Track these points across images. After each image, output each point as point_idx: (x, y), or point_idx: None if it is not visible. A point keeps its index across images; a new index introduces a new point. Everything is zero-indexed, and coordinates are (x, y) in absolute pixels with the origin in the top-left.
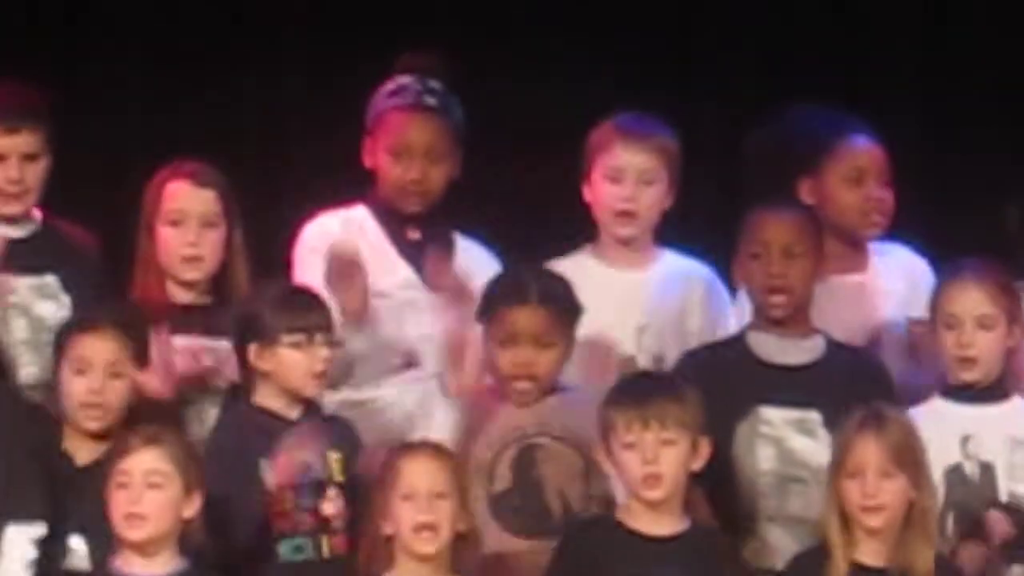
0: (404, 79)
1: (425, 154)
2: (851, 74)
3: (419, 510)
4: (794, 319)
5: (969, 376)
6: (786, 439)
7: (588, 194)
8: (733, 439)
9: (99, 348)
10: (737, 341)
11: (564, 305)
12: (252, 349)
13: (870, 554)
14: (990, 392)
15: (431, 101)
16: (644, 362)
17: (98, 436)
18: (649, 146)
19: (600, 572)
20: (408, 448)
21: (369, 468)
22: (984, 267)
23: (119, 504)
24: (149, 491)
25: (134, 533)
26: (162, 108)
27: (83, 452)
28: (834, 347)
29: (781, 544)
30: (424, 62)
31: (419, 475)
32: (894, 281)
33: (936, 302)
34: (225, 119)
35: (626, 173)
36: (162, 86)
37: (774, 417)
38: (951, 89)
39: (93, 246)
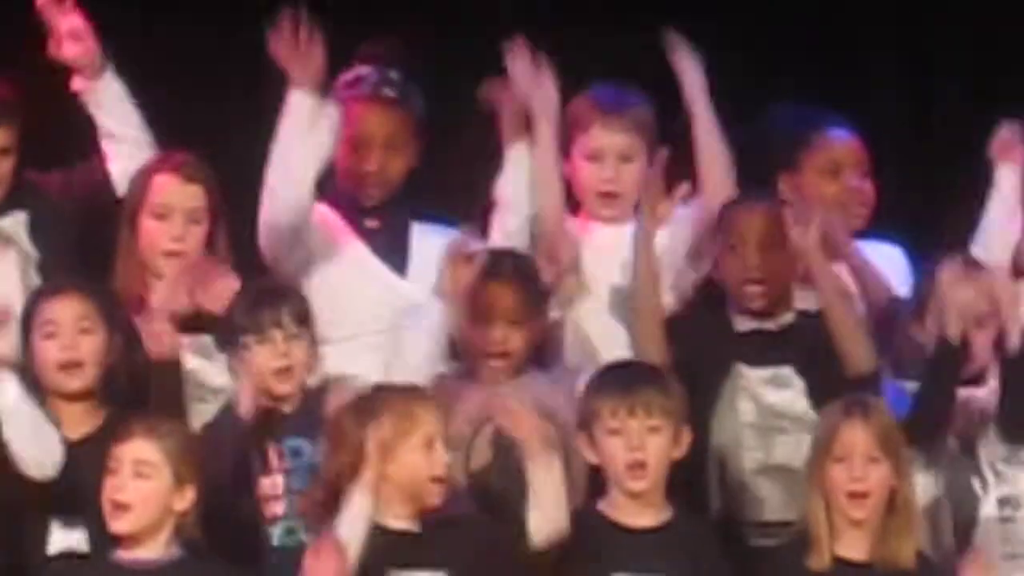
0: (363, 69)
1: (384, 145)
2: (833, 69)
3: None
4: (774, 310)
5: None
6: (763, 395)
7: (568, 169)
8: (715, 396)
9: (65, 307)
10: (719, 311)
11: (536, 284)
12: (228, 357)
13: (853, 547)
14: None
15: (389, 92)
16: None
17: (77, 398)
18: (627, 123)
19: (583, 565)
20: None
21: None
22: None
23: (106, 490)
24: (135, 480)
25: (118, 524)
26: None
27: (71, 426)
28: (804, 315)
29: (770, 497)
30: (385, 50)
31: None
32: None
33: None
34: (207, 111)
35: (605, 153)
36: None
37: (750, 375)
38: (932, 83)
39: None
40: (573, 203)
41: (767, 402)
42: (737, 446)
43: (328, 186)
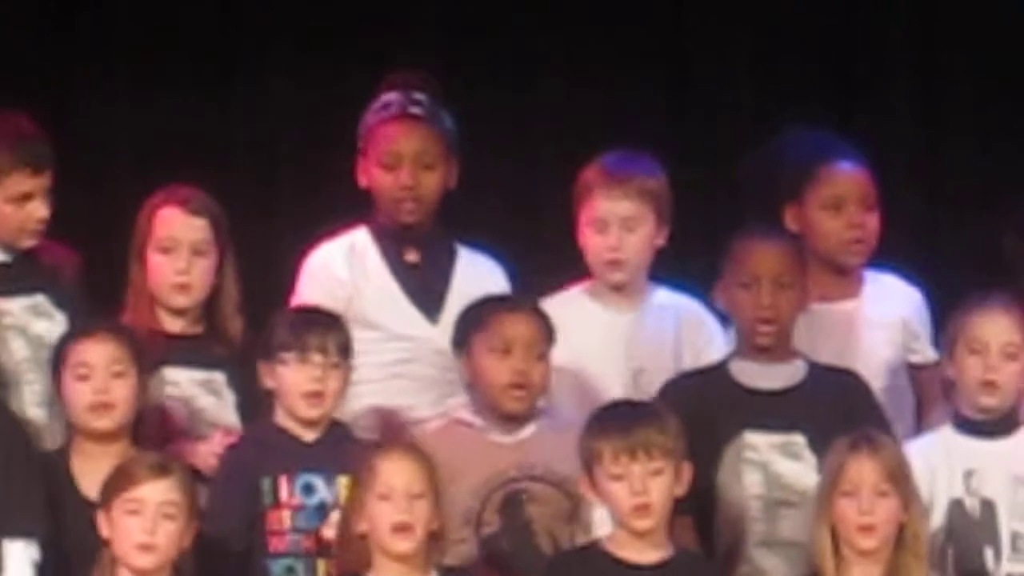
0: (389, 95)
1: (415, 160)
2: (844, 96)
3: (396, 510)
4: (778, 346)
5: (990, 401)
6: (772, 463)
7: (581, 239)
8: (719, 466)
9: (99, 351)
10: (719, 368)
11: (548, 322)
12: (261, 366)
13: None
14: (998, 425)
15: (416, 110)
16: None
17: (108, 439)
18: (630, 191)
19: None
20: (385, 447)
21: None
22: (1009, 297)
23: (131, 532)
24: (164, 521)
25: (143, 563)
26: (151, 129)
27: (89, 478)
28: (816, 370)
29: (773, 569)
30: (409, 79)
31: (396, 474)
32: (886, 309)
33: (959, 329)
34: (218, 140)
35: (609, 222)
36: (153, 107)
37: (759, 442)
38: (944, 114)
39: (75, 264)
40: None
41: (775, 471)
42: (742, 518)
43: (369, 217)
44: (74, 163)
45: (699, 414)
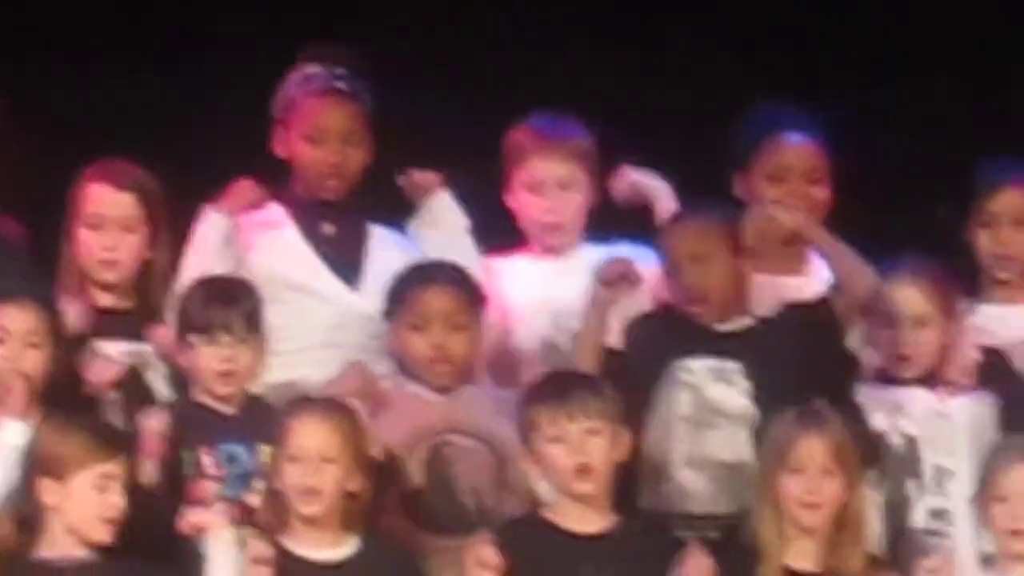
0: (311, 67)
1: (341, 138)
2: (793, 72)
3: (304, 473)
4: (724, 317)
5: (906, 374)
6: (704, 387)
7: (511, 201)
8: (655, 390)
9: (17, 318)
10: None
11: (472, 288)
12: (176, 345)
13: (802, 557)
14: (919, 381)
15: (342, 85)
16: (562, 341)
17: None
18: (565, 153)
19: (528, 572)
20: (299, 409)
21: None
22: (920, 265)
23: (99, 506)
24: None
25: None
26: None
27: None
28: (763, 321)
29: (697, 490)
30: (331, 53)
31: (307, 436)
32: None
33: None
34: (160, 114)
35: (544, 184)
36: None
37: (694, 366)
38: (887, 91)
39: (20, 236)
40: (520, 236)
41: (706, 396)
42: (668, 438)
43: (284, 187)
44: (19, 137)
45: (649, 344)
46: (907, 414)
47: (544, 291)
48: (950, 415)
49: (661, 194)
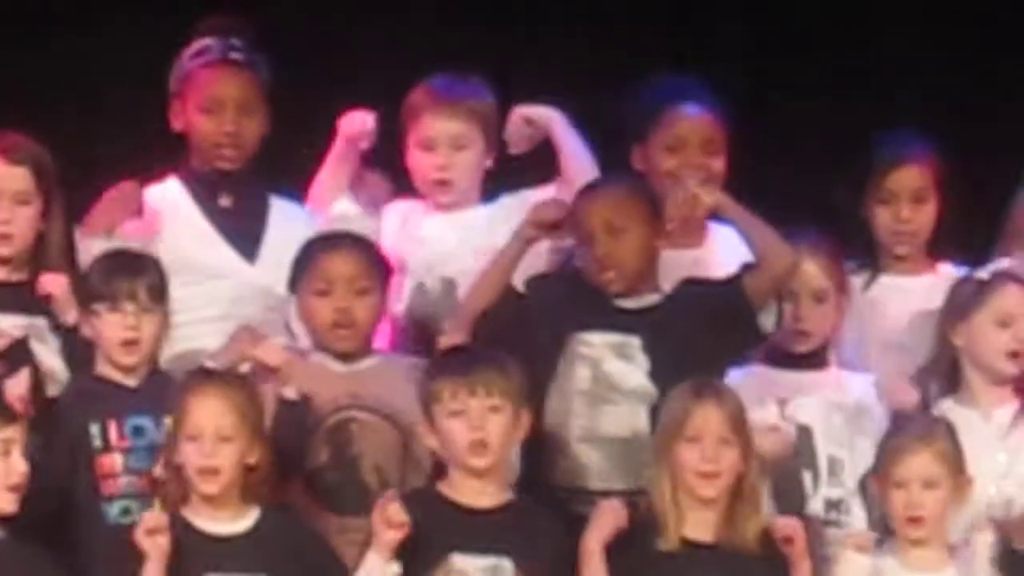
0: (207, 40)
1: (237, 107)
2: (678, 46)
3: (202, 453)
4: (631, 291)
5: (803, 348)
6: (603, 361)
7: (408, 160)
8: (556, 362)
9: None
10: (578, 275)
11: (377, 254)
12: (79, 315)
13: (699, 528)
14: (810, 360)
15: (237, 56)
16: (431, 284)
17: None
18: (459, 111)
19: (418, 545)
20: (196, 387)
21: None
22: (818, 240)
23: (3, 474)
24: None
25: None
26: None
27: None
28: (668, 298)
29: (593, 464)
30: (226, 24)
31: (204, 417)
32: (730, 257)
33: None
34: (43, 86)
35: (437, 141)
36: None
37: (594, 340)
38: (780, 63)
39: None
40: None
41: (604, 370)
42: (567, 413)
43: (180, 161)
44: None
45: (551, 310)
46: (798, 405)
47: (426, 237)
48: (841, 403)
49: (554, 122)
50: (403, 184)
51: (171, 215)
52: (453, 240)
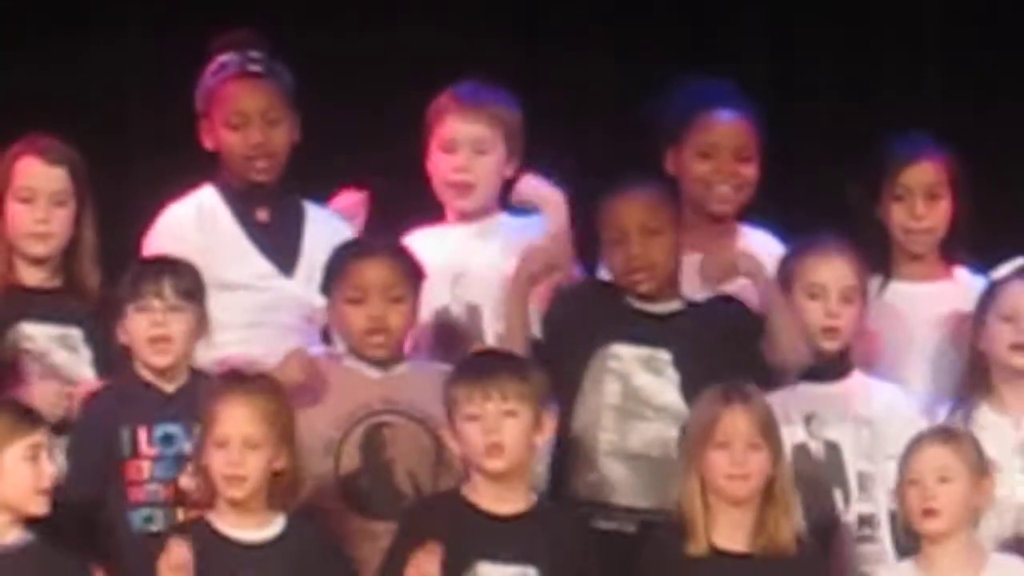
0: (224, 56)
1: (262, 118)
2: (703, 48)
3: (229, 461)
4: (659, 294)
5: (831, 346)
6: (633, 375)
7: (429, 165)
8: (585, 374)
9: None
10: (610, 286)
11: (410, 261)
12: (116, 323)
13: (730, 536)
14: (833, 369)
15: (255, 67)
16: (457, 310)
17: None
18: (482, 115)
19: (445, 549)
20: (226, 393)
21: None
22: (844, 241)
23: (33, 478)
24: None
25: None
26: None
27: None
28: (692, 305)
29: (620, 480)
30: (240, 37)
31: (232, 424)
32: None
33: (795, 273)
34: (71, 91)
35: (458, 143)
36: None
37: (624, 353)
38: (796, 69)
39: None
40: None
41: (634, 384)
42: (595, 426)
43: (217, 174)
44: None
45: (580, 322)
46: (824, 421)
47: (449, 258)
48: (868, 416)
49: (553, 203)
50: (421, 201)
51: (209, 228)
52: (475, 255)
